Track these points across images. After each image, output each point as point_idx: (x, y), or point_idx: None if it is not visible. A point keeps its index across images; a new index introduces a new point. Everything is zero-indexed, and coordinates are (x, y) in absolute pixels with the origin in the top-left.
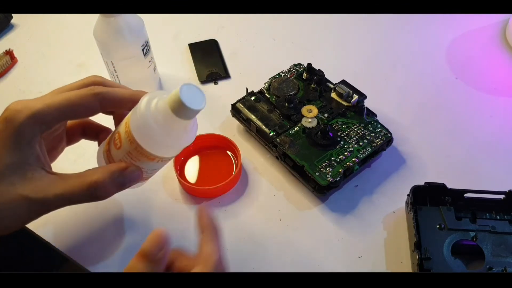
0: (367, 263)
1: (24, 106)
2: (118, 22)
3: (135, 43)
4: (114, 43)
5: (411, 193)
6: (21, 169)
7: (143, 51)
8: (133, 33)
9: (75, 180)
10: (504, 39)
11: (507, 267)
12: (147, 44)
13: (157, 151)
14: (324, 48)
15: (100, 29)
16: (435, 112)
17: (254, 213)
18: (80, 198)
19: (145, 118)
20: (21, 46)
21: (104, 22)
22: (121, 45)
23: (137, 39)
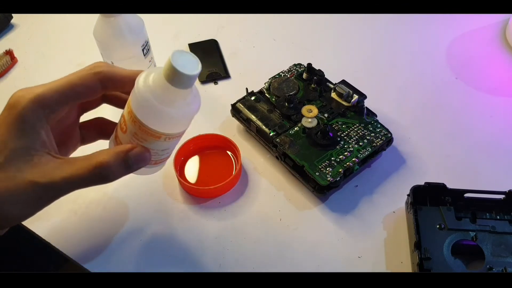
0: (367, 263)
1: (27, 92)
2: (118, 22)
3: (135, 43)
4: (114, 43)
5: (411, 193)
6: (27, 154)
7: (143, 51)
8: (133, 33)
9: (81, 162)
10: (504, 39)
11: (507, 267)
12: (147, 44)
13: (161, 127)
14: (324, 48)
15: (100, 29)
16: (435, 112)
17: (254, 213)
18: (87, 180)
19: (143, 94)
20: (21, 46)
21: (104, 22)
22: (121, 45)
23: (137, 39)
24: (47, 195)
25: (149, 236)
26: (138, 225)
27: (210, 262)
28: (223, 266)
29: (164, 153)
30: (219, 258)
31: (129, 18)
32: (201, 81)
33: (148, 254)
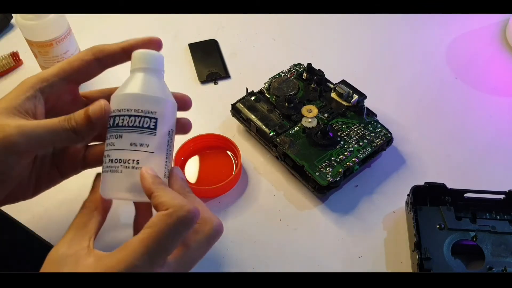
0: (367, 263)
1: (35, 75)
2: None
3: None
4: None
5: (411, 193)
6: (11, 112)
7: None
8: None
9: (54, 118)
10: (504, 39)
11: (507, 267)
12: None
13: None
14: (324, 48)
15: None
16: (435, 112)
17: (254, 213)
18: (57, 129)
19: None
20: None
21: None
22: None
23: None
24: (20, 139)
25: None
26: None
27: (210, 262)
28: (223, 266)
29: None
30: (219, 258)
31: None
32: (201, 81)
33: None
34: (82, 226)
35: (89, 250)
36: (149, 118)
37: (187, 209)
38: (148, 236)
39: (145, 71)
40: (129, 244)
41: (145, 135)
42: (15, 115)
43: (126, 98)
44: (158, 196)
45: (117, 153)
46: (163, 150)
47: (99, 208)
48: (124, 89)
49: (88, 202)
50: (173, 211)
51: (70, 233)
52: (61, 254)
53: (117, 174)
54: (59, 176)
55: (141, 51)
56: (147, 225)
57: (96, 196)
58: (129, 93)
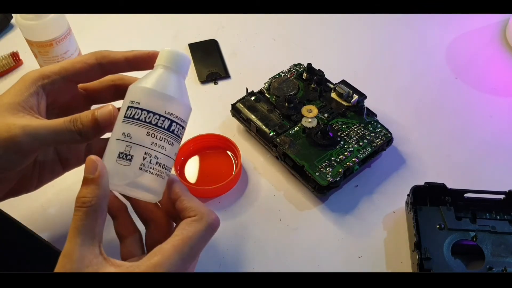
0: (367, 263)
1: (37, 69)
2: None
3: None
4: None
5: (411, 193)
6: (14, 109)
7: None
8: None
9: (60, 118)
10: (504, 39)
11: (507, 267)
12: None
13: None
14: (324, 48)
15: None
16: (435, 112)
17: (254, 213)
18: (63, 130)
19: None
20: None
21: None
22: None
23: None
24: (24, 138)
25: None
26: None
27: (210, 262)
28: (223, 266)
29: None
30: (219, 258)
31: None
32: (201, 81)
33: None
34: (89, 229)
35: (104, 259)
36: (183, 127)
37: (214, 216)
38: (181, 242)
39: (180, 75)
40: (162, 249)
41: (178, 144)
42: (20, 111)
43: (180, 106)
44: (186, 201)
45: (166, 160)
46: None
47: (102, 207)
48: (175, 92)
49: (88, 199)
50: (201, 218)
51: (76, 239)
52: (75, 264)
53: (160, 180)
54: (61, 168)
55: (179, 52)
56: (178, 232)
57: (98, 191)
58: (184, 103)
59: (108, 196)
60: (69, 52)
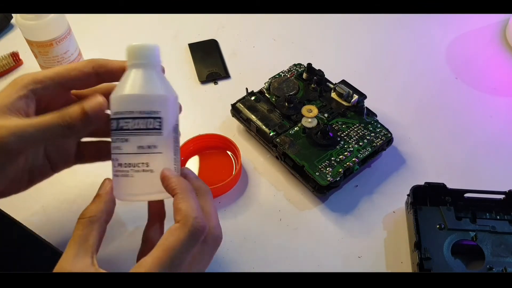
0: (367, 263)
1: (30, 73)
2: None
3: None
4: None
5: (411, 193)
6: (1, 111)
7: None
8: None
9: (48, 114)
10: (504, 39)
11: (507, 267)
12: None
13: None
14: (324, 48)
15: None
16: (435, 112)
17: (254, 213)
18: (51, 126)
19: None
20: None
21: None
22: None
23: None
24: (11, 139)
25: None
26: (139, 225)
27: None
28: (223, 266)
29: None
30: (219, 258)
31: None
32: (201, 81)
33: None
34: (83, 240)
35: (95, 270)
36: (153, 118)
37: (200, 225)
38: (161, 254)
39: (143, 66)
40: (143, 262)
41: (152, 136)
42: (6, 113)
43: (127, 100)
44: (180, 199)
45: (126, 158)
46: (170, 148)
47: (100, 219)
48: (123, 89)
49: (88, 212)
50: (184, 223)
51: (72, 248)
52: (66, 272)
53: (129, 179)
54: (50, 170)
55: (136, 45)
56: (160, 241)
57: (99, 205)
58: (130, 94)
59: (110, 211)
60: (69, 52)
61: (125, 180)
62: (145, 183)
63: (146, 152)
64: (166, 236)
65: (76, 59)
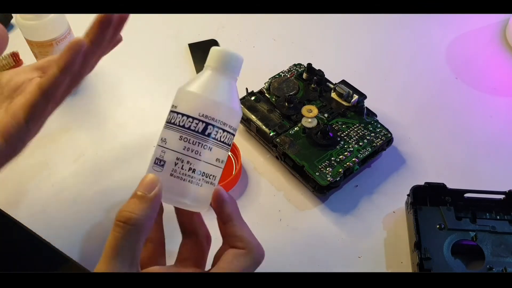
0: (367, 263)
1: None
2: None
3: None
4: None
5: (411, 193)
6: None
7: None
8: None
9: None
10: (504, 39)
11: (507, 267)
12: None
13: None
14: (324, 48)
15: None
16: (435, 112)
17: (254, 213)
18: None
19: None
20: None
21: None
22: None
23: None
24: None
25: None
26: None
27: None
28: None
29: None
30: None
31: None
32: None
33: None
34: (130, 250)
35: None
36: (232, 135)
37: (262, 252)
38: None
39: (232, 79)
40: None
41: (225, 152)
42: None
43: (223, 109)
44: (238, 227)
45: (203, 166)
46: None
47: (147, 228)
48: (218, 95)
49: (134, 216)
50: (250, 252)
51: (115, 259)
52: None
53: (197, 187)
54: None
55: (233, 54)
56: (224, 263)
57: (147, 211)
58: (227, 105)
59: (155, 217)
60: None
61: (192, 187)
62: (206, 195)
63: (220, 166)
64: (231, 259)
65: None
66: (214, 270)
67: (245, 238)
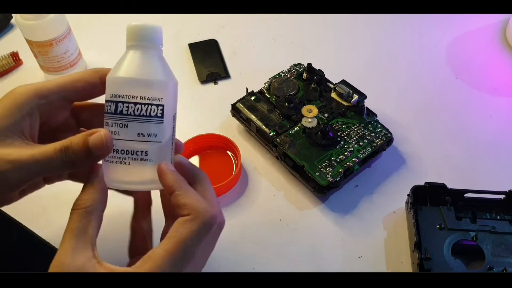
0: (367, 263)
1: (29, 84)
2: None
3: None
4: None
5: (411, 193)
6: (3, 135)
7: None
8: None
9: (50, 145)
10: (504, 39)
11: (507, 267)
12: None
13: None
14: (324, 48)
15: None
16: (435, 112)
17: (254, 213)
18: (54, 161)
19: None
20: (21, 47)
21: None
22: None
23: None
24: (14, 173)
25: None
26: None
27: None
28: (223, 266)
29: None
30: (219, 258)
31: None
32: (201, 81)
33: None
34: (82, 232)
35: (98, 263)
36: (156, 105)
37: (212, 213)
38: (173, 246)
39: (145, 48)
40: (154, 255)
41: (153, 124)
42: (8, 137)
43: (129, 83)
44: (181, 196)
45: (123, 144)
46: (169, 137)
47: (98, 209)
48: (124, 71)
49: (83, 202)
50: (196, 217)
51: (70, 241)
52: (67, 267)
53: (125, 166)
54: (43, 183)
55: (138, 25)
56: (171, 234)
57: (94, 194)
58: (133, 78)
59: (105, 200)
60: (69, 52)
61: (120, 167)
62: (141, 172)
63: (145, 140)
64: (176, 228)
65: (76, 59)
66: (162, 244)
67: (189, 204)
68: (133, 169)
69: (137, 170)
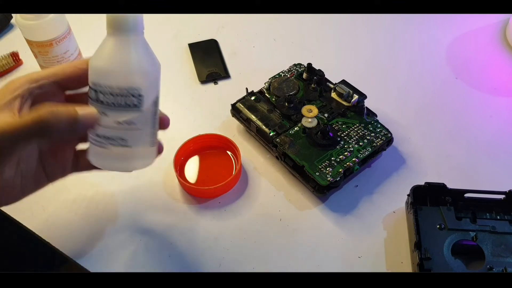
0: (367, 263)
1: (25, 75)
2: None
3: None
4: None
5: (411, 193)
6: None
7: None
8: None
9: (27, 114)
10: (504, 39)
11: (507, 267)
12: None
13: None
14: (324, 48)
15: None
16: (435, 112)
17: (254, 213)
18: (30, 126)
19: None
20: (21, 46)
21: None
22: None
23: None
24: (5, 138)
25: (149, 236)
26: (138, 225)
27: (210, 262)
28: (223, 266)
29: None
30: (219, 258)
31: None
32: (201, 81)
33: (148, 254)
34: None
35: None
36: (132, 96)
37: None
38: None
39: (125, 36)
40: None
41: (131, 113)
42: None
43: (106, 73)
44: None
45: (103, 130)
46: (149, 123)
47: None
48: (103, 60)
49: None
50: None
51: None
52: None
53: (104, 150)
54: (45, 179)
55: (116, 14)
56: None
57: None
58: (109, 68)
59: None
60: (69, 52)
61: (100, 149)
62: (119, 157)
63: (124, 129)
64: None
65: (76, 59)
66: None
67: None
68: (112, 153)
69: (116, 155)
